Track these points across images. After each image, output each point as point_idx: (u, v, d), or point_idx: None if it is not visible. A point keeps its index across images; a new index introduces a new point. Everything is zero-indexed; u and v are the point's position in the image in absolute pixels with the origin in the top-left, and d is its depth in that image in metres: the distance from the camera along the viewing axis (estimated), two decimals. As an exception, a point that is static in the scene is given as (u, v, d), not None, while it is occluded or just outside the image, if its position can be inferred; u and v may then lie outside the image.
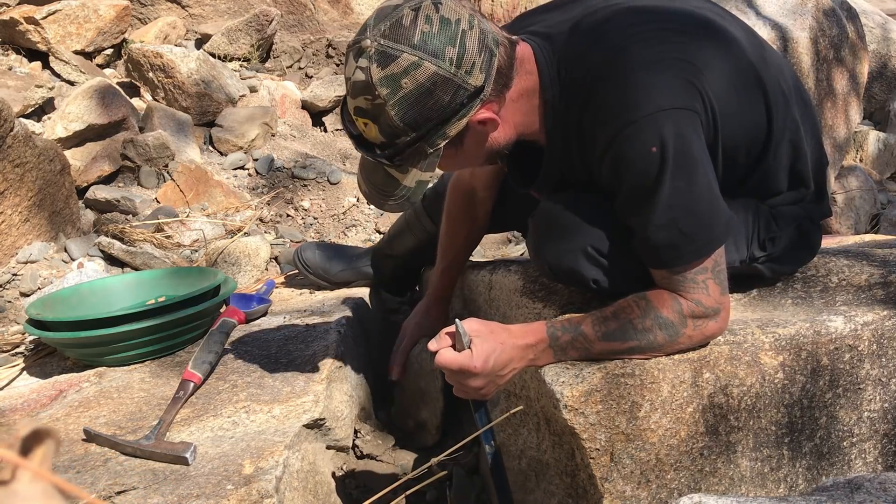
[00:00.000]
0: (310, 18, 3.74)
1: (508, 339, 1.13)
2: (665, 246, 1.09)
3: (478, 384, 1.11)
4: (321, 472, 1.36)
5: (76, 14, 3.19)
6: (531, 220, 1.26)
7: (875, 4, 4.29)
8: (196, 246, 2.29)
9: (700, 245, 1.09)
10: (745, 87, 1.16)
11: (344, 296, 1.86)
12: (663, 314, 1.10)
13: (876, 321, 1.21)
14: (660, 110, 1.05)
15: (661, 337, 1.10)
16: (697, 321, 1.10)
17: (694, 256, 1.09)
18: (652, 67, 1.08)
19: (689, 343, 1.12)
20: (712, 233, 1.09)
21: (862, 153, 3.49)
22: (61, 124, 2.53)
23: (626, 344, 1.11)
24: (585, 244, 1.16)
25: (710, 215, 1.09)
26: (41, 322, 1.51)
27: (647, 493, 1.12)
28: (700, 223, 1.09)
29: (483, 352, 1.09)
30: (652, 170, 1.06)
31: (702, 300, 1.10)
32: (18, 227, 2.14)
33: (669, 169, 1.05)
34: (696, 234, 1.08)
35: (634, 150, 1.06)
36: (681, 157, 1.06)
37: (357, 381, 1.61)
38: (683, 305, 1.10)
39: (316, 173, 2.76)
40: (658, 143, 1.05)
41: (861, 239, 1.88)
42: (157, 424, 1.27)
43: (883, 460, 1.25)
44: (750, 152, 1.20)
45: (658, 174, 1.05)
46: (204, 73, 3.01)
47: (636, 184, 1.08)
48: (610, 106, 1.09)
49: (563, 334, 1.13)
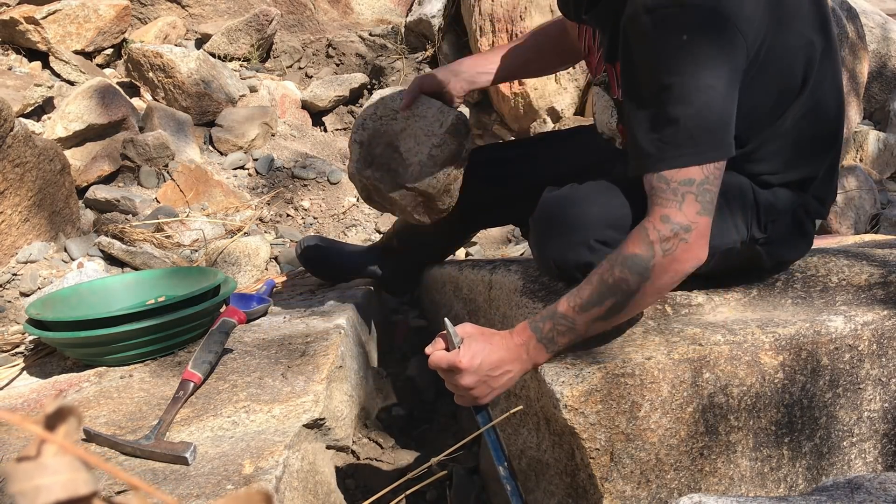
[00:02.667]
0: (310, 18, 3.74)
1: (499, 340, 1.12)
2: (664, 140, 1.04)
3: (467, 382, 1.09)
4: (321, 472, 1.36)
5: (76, 14, 3.19)
6: (532, 218, 1.26)
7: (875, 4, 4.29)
8: (196, 246, 2.29)
9: (700, 149, 1.04)
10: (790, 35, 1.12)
11: (344, 296, 1.85)
12: (628, 252, 1.06)
13: (876, 321, 1.21)
14: (710, 9, 1.02)
15: (634, 279, 1.05)
16: (665, 244, 1.04)
17: (688, 160, 1.04)
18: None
19: (663, 275, 1.06)
20: (718, 141, 1.05)
21: (862, 153, 3.49)
22: (61, 124, 2.53)
23: (605, 304, 1.07)
24: (588, 238, 1.16)
25: (722, 125, 1.05)
26: (41, 322, 1.51)
27: (647, 493, 1.12)
28: (709, 127, 1.04)
29: (471, 349, 1.09)
30: (678, 57, 1.02)
31: (671, 215, 1.04)
32: (18, 226, 2.14)
33: (696, 65, 1.01)
34: (702, 136, 1.04)
35: (665, 31, 1.02)
36: (706, 59, 1.02)
37: (357, 381, 1.61)
38: (649, 229, 1.05)
39: (316, 173, 2.76)
40: (690, 34, 1.01)
41: (861, 239, 1.88)
42: (156, 424, 1.27)
43: (883, 460, 1.25)
44: (766, 105, 1.16)
45: (682, 63, 1.02)
46: (204, 73, 3.01)
47: (656, 65, 1.04)
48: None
49: (543, 324, 1.11)
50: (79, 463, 0.29)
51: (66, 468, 0.29)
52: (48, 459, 0.29)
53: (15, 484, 0.28)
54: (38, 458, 0.29)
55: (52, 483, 0.28)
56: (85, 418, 1.36)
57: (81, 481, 0.29)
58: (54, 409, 0.29)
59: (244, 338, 1.64)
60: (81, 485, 0.29)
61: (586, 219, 1.17)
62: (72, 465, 0.29)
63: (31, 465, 0.28)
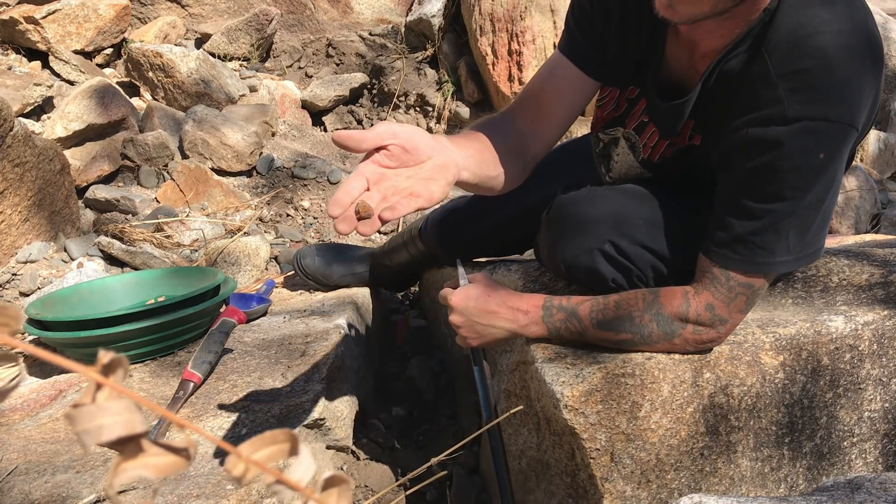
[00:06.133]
0: (310, 18, 3.74)
1: (500, 295, 1.16)
2: (757, 245, 1.02)
3: (454, 320, 1.17)
4: (321, 472, 1.36)
5: (76, 13, 3.19)
6: (545, 218, 1.24)
7: (875, 4, 4.29)
8: (196, 246, 2.29)
9: (784, 261, 1.03)
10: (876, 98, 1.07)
11: (344, 296, 1.85)
12: (665, 312, 1.08)
13: (876, 321, 1.21)
14: (849, 124, 0.97)
15: (657, 333, 1.09)
16: (699, 327, 1.08)
17: (766, 269, 1.04)
18: (864, 70, 0.97)
19: (682, 345, 1.10)
20: (808, 255, 1.04)
21: (862, 153, 3.49)
22: (61, 124, 2.53)
23: (620, 335, 1.10)
24: (603, 242, 1.15)
25: (820, 238, 1.04)
26: (41, 322, 1.51)
27: (648, 493, 1.12)
28: (807, 241, 1.02)
29: (466, 291, 1.16)
30: (807, 174, 0.98)
31: (716, 307, 1.06)
32: (18, 226, 2.14)
33: (820, 182, 0.98)
34: (797, 248, 1.02)
35: (804, 145, 0.97)
36: (831, 175, 0.99)
37: (357, 381, 1.61)
38: (692, 308, 1.07)
39: (316, 173, 2.76)
40: (828, 152, 0.98)
41: (861, 239, 1.88)
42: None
43: (883, 460, 1.25)
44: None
45: (809, 180, 0.98)
46: (204, 73, 3.01)
47: (780, 177, 0.99)
48: (813, 83, 0.95)
49: (557, 312, 1.13)
50: (133, 404, 0.32)
51: (123, 409, 0.32)
52: (105, 402, 0.31)
53: (79, 424, 0.30)
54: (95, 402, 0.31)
55: (113, 423, 0.31)
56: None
57: (137, 421, 0.32)
58: (108, 360, 0.32)
59: (244, 338, 1.64)
60: (138, 424, 0.32)
61: (601, 223, 1.15)
62: (128, 407, 0.32)
63: (91, 407, 0.31)
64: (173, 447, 0.34)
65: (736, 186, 1.04)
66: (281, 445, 0.35)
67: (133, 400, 0.32)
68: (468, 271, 1.26)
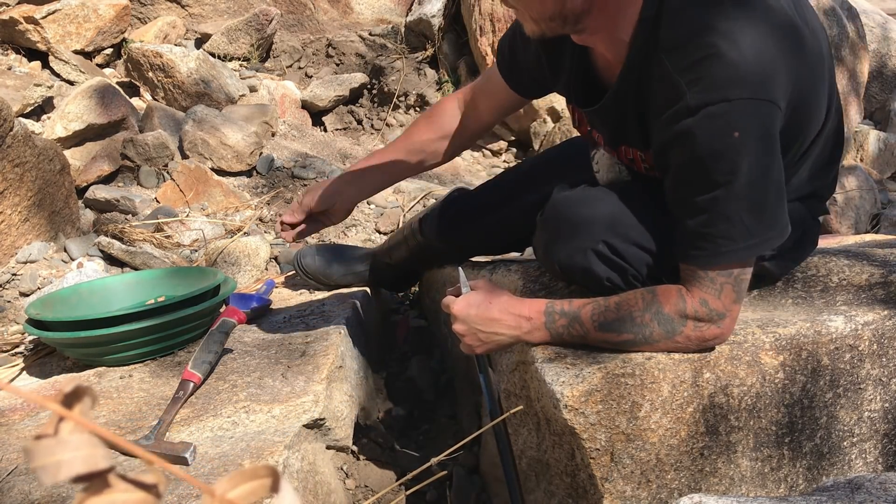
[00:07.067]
0: (310, 18, 3.74)
1: (502, 301, 1.16)
2: (717, 236, 1.03)
3: (457, 329, 1.17)
4: (321, 472, 1.36)
5: (76, 13, 3.19)
6: (540, 218, 1.25)
7: (875, 4, 4.29)
8: (196, 246, 2.29)
9: (751, 243, 1.04)
10: (817, 82, 1.09)
11: (344, 296, 1.85)
12: (665, 310, 1.09)
13: (876, 321, 1.21)
14: (757, 99, 0.98)
15: (658, 333, 1.09)
16: (699, 323, 1.08)
17: (736, 257, 1.05)
18: (766, 50, 0.99)
19: (685, 343, 1.10)
20: (772, 229, 1.05)
21: (862, 153, 3.49)
22: (61, 124, 2.53)
23: (622, 336, 1.10)
24: (597, 242, 1.15)
25: (776, 210, 1.04)
26: (41, 322, 1.51)
27: (648, 493, 1.12)
28: (763, 219, 1.03)
29: (467, 299, 1.16)
30: (730, 155, 0.99)
31: (709, 301, 1.07)
32: (18, 226, 2.14)
33: (747, 160, 0.99)
34: (756, 229, 1.03)
35: (713, 130, 0.99)
36: (761, 150, 1.00)
37: (357, 381, 1.61)
38: (688, 304, 1.08)
39: (316, 173, 2.76)
40: (742, 130, 0.98)
41: (861, 239, 1.88)
42: (156, 424, 1.27)
43: (883, 460, 1.25)
44: (801, 148, 1.15)
45: (734, 161, 0.99)
46: (204, 73, 3.01)
47: (706, 166, 1.01)
48: (709, 71, 0.98)
49: (560, 318, 1.13)
50: (96, 439, 0.30)
51: (84, 444, 0.30)
52: (66, 436, 0.30)
53: (36, 459, 0.29)
54: (57, 435, 0.30)
55: (72, 458, 0.29)
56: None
57: (100, 457, 0.30)
58: (71, 389, 0.30)
59: (244, 338, 1.64)
60: (100, 460, 0.30)
61: (595, 223, 1.16)
62: (90, 442, 0.30)
63: (50, 441, 0.29)
64: (142, 483, 0.32)
65: (676, 186, 1.07)
66: (262, 481, 0.33)
67: (97, 433, 0.30)
68: (469, 275, 1.27)
